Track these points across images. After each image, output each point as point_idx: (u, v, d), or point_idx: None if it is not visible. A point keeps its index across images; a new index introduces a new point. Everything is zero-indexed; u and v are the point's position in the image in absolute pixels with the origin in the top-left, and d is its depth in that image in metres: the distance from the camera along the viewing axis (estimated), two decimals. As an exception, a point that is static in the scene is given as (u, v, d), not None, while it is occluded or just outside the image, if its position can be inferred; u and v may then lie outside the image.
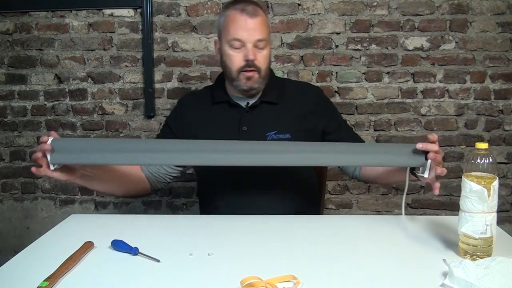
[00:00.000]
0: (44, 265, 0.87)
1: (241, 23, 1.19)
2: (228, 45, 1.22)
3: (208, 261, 0.91)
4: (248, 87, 1.24)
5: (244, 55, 1.20)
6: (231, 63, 1.23)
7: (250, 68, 1.21)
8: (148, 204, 2.03)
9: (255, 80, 1.23)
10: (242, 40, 1.20)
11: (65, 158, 1.06)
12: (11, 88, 2.00)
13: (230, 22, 1.21)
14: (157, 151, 1.09)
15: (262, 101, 1.29)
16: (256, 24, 1.20)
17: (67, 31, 1.95)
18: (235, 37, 1.20)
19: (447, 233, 1.04)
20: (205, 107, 1.33)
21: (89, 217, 1.40)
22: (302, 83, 1.45)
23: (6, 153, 2.04)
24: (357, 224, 1.14)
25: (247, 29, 1.19)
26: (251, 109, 1.29)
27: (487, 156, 0.90)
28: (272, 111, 1.29)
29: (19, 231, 2.07)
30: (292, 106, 1.30)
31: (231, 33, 1.20)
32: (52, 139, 1.04)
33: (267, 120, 1.27)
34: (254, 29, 1.19)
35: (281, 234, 1.06)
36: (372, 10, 1.88)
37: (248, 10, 1.20)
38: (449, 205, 1.97)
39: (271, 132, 1.25)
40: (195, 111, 1.33)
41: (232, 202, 1.26)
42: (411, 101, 1.92)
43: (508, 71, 1.90)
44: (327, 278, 0.83)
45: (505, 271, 0.78)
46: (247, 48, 1.20)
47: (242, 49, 1.21)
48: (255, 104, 1.28)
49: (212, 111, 1.31)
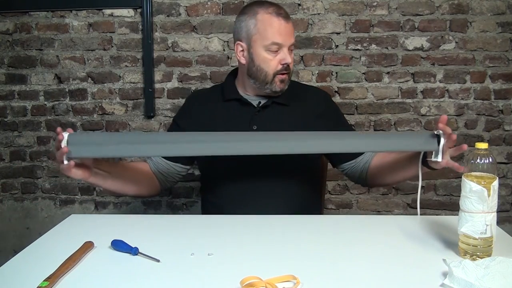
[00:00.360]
0: (44, 265, 0.87)
1: (280, 27, 1.21)
2: (264, 49, 1.23)
3: (208, 261, 0.91)
4: (280, 89, 1.27)
5: (281, 59, 1.23)
6: (268, 66, 1.24)
7: (286, 71, 1.25)
8: (148, 204, 2.03)
9: (286, 82, 1.27)
10: (280, 44, 1.22)
11: (80, 152, 1.05)
12: (11, 88, 2.00)
13: (267, 26, 1.22)
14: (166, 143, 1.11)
15: (273, 101, 1.30)
16: (291, 28, 1.24)
17: (67, 31, 1.95)
18: (273, 41, 1.21)
19: (447, 233, 1.04)
20: (216, 104, 1.34)
21: (89, 217, 1.40)
22: (311, 87, 1.47)
23: (6, 153, 2.04)
24: (357, 224, 1.14)
25: (285, 33, 1.22)
26: (262, 109, 1.30)
27: (487, 156, 0.90)
28: (282, 112, 1.31)
29: (19, 231, 2.07)
30: (301, 109, 1.32)
31: (269, 37, 1.21)
32: (68, 134, 1.04)
33: (277, 120, 1.29)
34: (290, 33, 1.23)
35: (281, 234, 1.06)
36: (372, 10, 1.88)
37: (283, 13, 1.23)
38: (449, 205, 1.97)
39: None
40: (205, 108, 1.35)
41: (235, 199, 1.26)
42: (411, 101, 1.92)
43: (508, 71, 1.90)
44: (327, 278, 0.83)
45: (505, 271, 0.78)
46: (284, 52, 1.23)
47: (278, 52, 1.23)
48: (267, 104, 1.30)
49: (223, 108, 1.33)
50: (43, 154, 2.02)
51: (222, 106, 1.33)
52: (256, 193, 1.25)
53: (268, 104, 1.30)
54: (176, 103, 1.96)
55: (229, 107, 1.32)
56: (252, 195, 1.25)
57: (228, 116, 1.31)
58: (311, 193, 1.38)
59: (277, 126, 1.27)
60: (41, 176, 2.04)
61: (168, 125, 1.96)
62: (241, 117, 1.30)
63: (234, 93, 1.33)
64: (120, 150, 1.11)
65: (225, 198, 1.29)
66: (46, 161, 2.03)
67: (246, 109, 1.30)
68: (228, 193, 1.28)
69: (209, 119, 1.32)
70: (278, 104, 1.31)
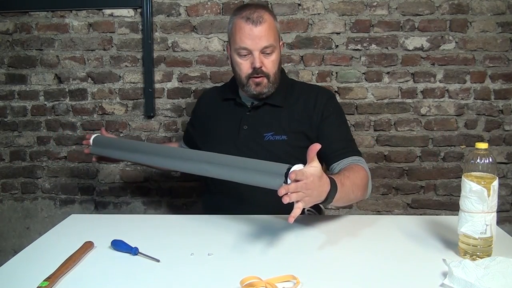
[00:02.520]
0: (44, 265, 0.87)
1: (247, 31, 1.21)
2: (235, 53, 1.25)
3: (208, 261, 0.91)
4: (257, 92, 1.28)
5: (251, 63, 1.23)
6: (240, 70, 1.27)
7: (258, 75, 1.24)
8: (148, 204, 2.03)
9: (264, 85, 1.27)
10: (248, 49, 1.22)
11: (99, 151, 1.44)
12: (11, 88, 2.00)
13: (237, 31, 1.23)
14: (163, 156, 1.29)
15: (265, 102, 1.32)
16: (261, 32, 1.21)
17: (67, 31, 1.95)
18: (241, 45, 1.23)
19: (447, 233, 1.04)
20: (216, 103, 1.41)
21: (89, 217, 1.40)
22: (314, 87, 1.43)
23: (6, 153, 2.04)
24: (357, 224, 1.14)
25: (253, 37, 1.21)
26: (254, 109, 1.33)
27: (487, 156, 0.90)
28: (273, 113, 1.32)
29: (19, 231, 2.07)
30: (295, 109, 1.32)
31: (237, 42, 1.23)
32: (95, 136, 1.42)
33: (266, 121, 1.31)
34: (260, 37, 1.21)
35: (281, 234, 1.06)
36: (372, 10, 1.88)
37: (253, 18, 1.21)
38: (449, 205, 1.97)
39: (269, 133, 1.29)
40: (208, 106, 1.43)
41: (238, 198, 1.27)
42: (411, 101, 1.92)
43: (508, 71, 1.89)
44: (327, 278, 0.83)
45: (505, 271, 0.78)
46: (254, 56, 1.23)
47: (249, 56, 1.24)
48: (258, 105, 1.32)
49: (221, 107, 1.39)
50: (43, 154, 2.02)
51: (220, 106, 1.39)
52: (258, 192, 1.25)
53: (260, 105, 1.32)
54: (176, 103, 1.96)
55: (225, 107, 1.38)
56: (255, 193, 1.25)
57: (224, 116, 1.36)
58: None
59: (265, 126, 1.30)
60: (41, 176, 2.04)
61: (168, 125, 1.97)
62: (234, 117, 1.34)
63: (233, 93, 1.37)
64: (129, 157, 1.42)
65: (228, 197, 1.29)
66: (46, 161, 2.02)
67: (239, 109, 1.34)
68: (231, 192, 1.28)
69: (209, 117, 1.40)
70: (271, 105, 1.32)
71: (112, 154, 1.42)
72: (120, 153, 1.40)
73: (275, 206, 1.22)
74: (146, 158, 1.36)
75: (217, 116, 1.38)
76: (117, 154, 1.41)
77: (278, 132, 1.29)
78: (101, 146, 1.41)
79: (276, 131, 1.29)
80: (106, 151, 1.42)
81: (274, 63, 1.26)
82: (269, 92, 1.29)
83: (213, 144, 1.32)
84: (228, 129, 1.33)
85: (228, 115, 1.36)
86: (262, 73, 1.24)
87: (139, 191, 2.03)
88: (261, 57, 1.23)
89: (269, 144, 1.28)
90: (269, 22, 1.23)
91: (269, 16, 1.25)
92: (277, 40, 1.27)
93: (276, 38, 1.26)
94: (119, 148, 1.40)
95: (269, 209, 1.20)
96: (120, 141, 1.59)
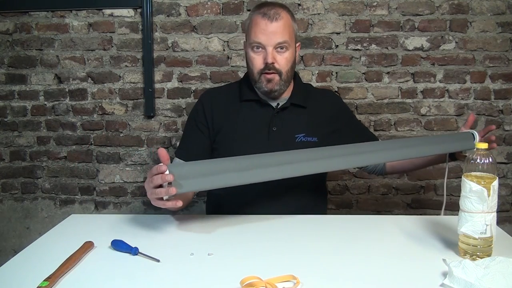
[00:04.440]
0: (44, 265, 0.87)
1: (262, 27, 1.22)
2: (250, 48, 1.26)
3: (208, 261, 0.91)
4: (268, 89, 1.27)
5: (264, 58, 1.24)
6: (252, 65, 1.27)
7: (270, 71, 1.24)
8: (148, 204, 2.03)
9: (275, 82, 1.26)
10: (262, 44, 1.23)
11: (188, 186, 0.97)
12: (11, 88, 2.00)
13: (253, 26, 1.25)
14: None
15: (291, 103, 1.32)
16: (276, 28, 1.22)
17: (67, 31, 1.95)
18: (255, 40, 1.24)
19: (447, 233, 1.04)
20: (232, 104, 1.34)
21: (89, 217, 1.40)
22: (324, 90, 1.51)
23: (6, 153, 2.04)
24: (357, 224, 1.14)
25: (267, 33, 1.22)
26: (281, 110, 1.32)
27: (487, 156, 0.90)
28: (300, 114, 1.32)
29: (19, 231, 2.07)
30: (318, 111, 1.34)
31: (252, 37, 1.24)
32: (169, 166, 0.95)
33: (296, 122, 1.31)
34: (275, 33, 1.22)
35: (281, 234, 1.06)
36: (372, 10, 1.88)
37: (270, 14, 1.23)
38: (449, 205, 1.96)
39: (300, 135, 1.29)
40: (221, 107, 1.34)
41: (245, 200, 1.26)
42: (411, 101, 1.92)
43: (508, 71, 1.89)
44: (327, 278, 0.83)
45: (505, 271, 0.78)
46: (267, 51, 1.23)
47: (262, 51, 1.24)
48: (285, 106, 1.32)
49: (240, 108, 1.33)
50: (43, 154, 2.02)
51: (240, 107, 1.33)
52: (265, 195, 1.26)
53: (286, 106, 1.31)
54: (176, 103, 1.96)
55: (247, 108, 1.33)
56: (260, 196, 1.26)
57: (247, 117, 1.31)
58: (318, 193, 1.39)
59: (295, 128, 1.30)
60: (41, 176, 2.04)
61: (168, 125, 1.97)
62: (260, 118, 1.31)
63: (252, 93, 1.33)
64: (225, 180, 1.01)
65: (234, 199, 1.28)
66: (46, 161, 2.03)
67: (264, 110, 1.32)
68: (237, 194, 1.27)
69: (226, 119, 1.32)
70: (296, 106, 1.32)
71: (204, 184, 1.02)
72: (213, 180, 1.01)
73: (278, 208, 1.23)
74: (245, 175, 1.04)
75: (239, 118, 1.31)
76: (209, 182, 1.01)
77: (309, 133, 1.29)
78: (185, 177, 0.97)
79: (307, 132, 1.29)
80: (195, 182, 0.99)
81: (287, 61, 1.26)
82: (280, 89, 1.28)
83: (241, 148, 1.19)
84: (255, 130, 1.29)
85: (253, 117, 1.31)
86: (274, 69, 1.24)
87: (139, 191, 2.03)
88: (274, 53, 1.23)
89: (302, 145, 1.27)
90: (285, 20, 1.24)
91: (287, 14, 1.26)
92: (292, 39, 1.27)
93: (292, 37, 1.27)
94: (209, 172, 1.01)
95: (272, 210, 1.21)
96: (206, 163, 1.07)
